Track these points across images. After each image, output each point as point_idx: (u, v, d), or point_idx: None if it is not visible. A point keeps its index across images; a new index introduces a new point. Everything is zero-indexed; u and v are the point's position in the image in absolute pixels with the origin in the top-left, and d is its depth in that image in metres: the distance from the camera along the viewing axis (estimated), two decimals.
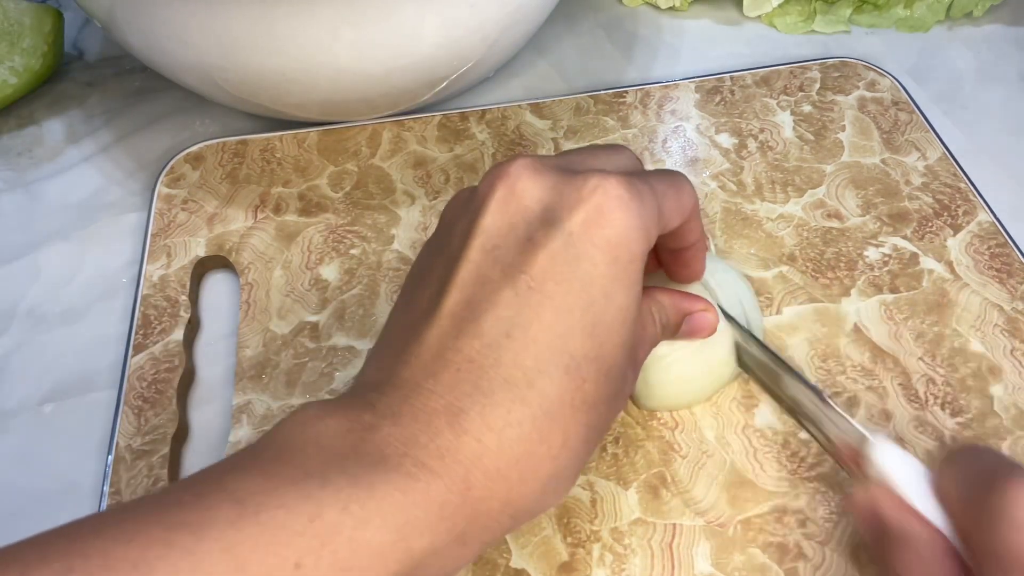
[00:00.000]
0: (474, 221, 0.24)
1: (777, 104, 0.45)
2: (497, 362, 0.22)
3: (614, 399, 0.24)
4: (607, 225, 0.23)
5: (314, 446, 0.21)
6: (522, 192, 0.23)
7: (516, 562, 0.30)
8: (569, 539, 0.30)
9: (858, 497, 0.25)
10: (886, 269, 0.37)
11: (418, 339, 0.22)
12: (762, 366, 0.31)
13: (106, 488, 0.32)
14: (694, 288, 0.32)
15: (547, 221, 0.23)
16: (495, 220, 0.23)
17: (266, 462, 0.20)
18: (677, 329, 0.30)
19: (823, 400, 0.28)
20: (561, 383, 0.22)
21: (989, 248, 0.38)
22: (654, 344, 0.29)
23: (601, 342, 0.23)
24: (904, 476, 0.25)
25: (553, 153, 0.43)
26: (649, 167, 0.42)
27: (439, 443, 0.21)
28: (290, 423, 0.22)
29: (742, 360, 0.32)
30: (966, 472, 0.24)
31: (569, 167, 0.25)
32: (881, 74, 0.46)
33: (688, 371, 0.32)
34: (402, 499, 0.20)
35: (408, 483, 0.20)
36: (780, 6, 0.51)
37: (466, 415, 0.21)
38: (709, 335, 0.31)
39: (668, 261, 0.30)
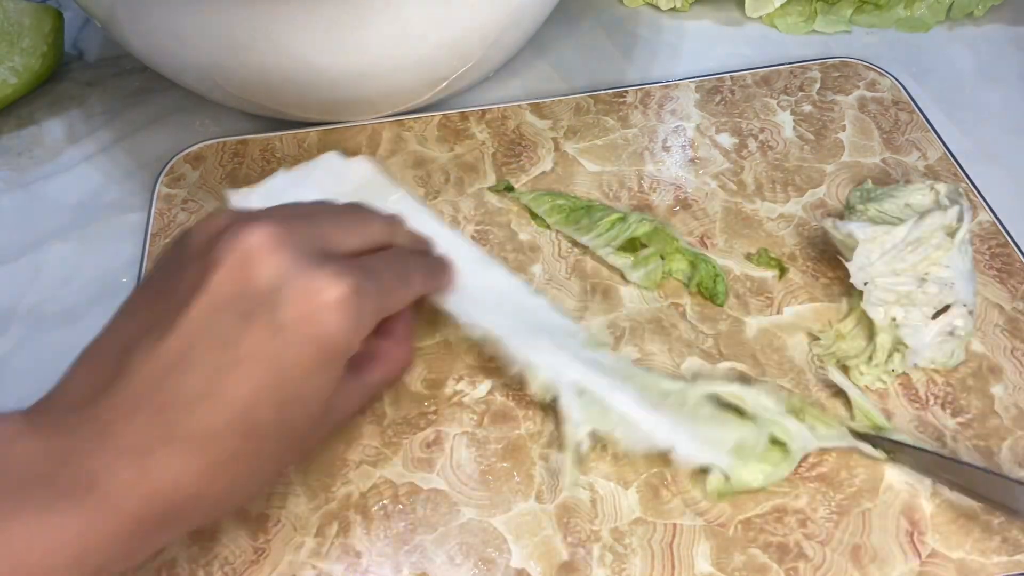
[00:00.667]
0: (205, 276, 0.25)
1: (777, 104, 0.45)
2: (189, 417, 0.24)
3: (294, 450, 0.28)
4: (320, 325, 0.25)
5: (14, 467, 0.23)
6: (257, 267, 0.25)
7: (516, 562, 0.30)
8: (569, 539, 0.30)
9: None
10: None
11: (127, 373, 0.24)
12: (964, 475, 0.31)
13: None
14: None
15: (269, 304, 0.25)
16: (224, 284, 0.25)
17: None
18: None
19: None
20: (239, 444, 0.25)
21: (989, 248, 0.38)
22: (366, 398, 0.31)
23: (287, 415, 0.26)
24: None
25: (553, 151, 0.43)
26: (649, 167, 0.42)
27: (123, 478, 0.23)
28: None
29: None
30: None
31: (316, 245, 0.26)
32: (881, 74, 0.46)
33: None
34: (84, 528, 0.22)
35: (90, 514, 0.23)
36: (781, 6, 0.51)
37: (151, 457, 0.24)
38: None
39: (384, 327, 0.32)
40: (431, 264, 0.34)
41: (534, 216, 0.40)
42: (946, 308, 0.33)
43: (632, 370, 0.33)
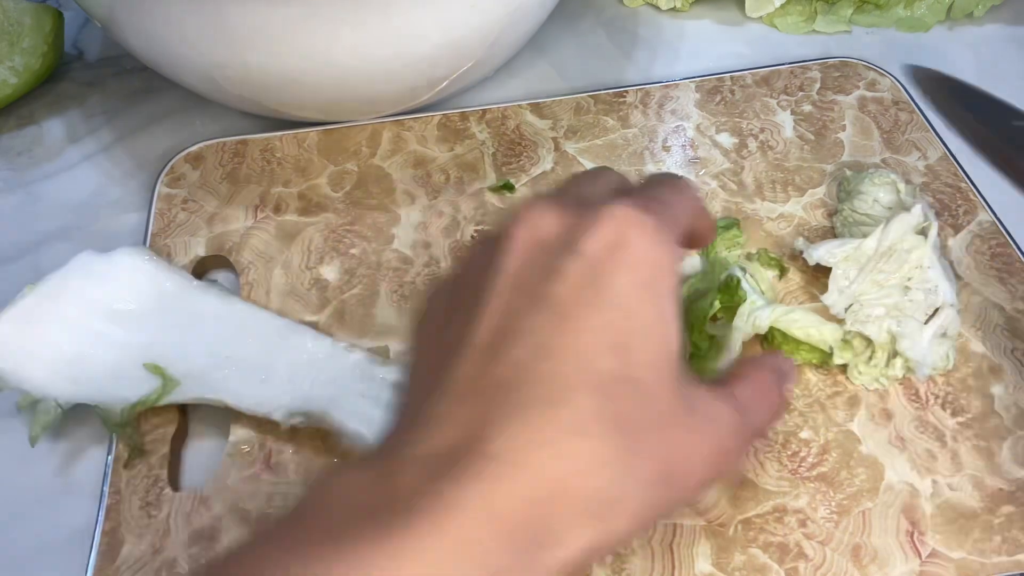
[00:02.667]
0: (496, 260, 0.24)
1: (777, 104, 0.45)
2: (530, 382, 0.21)
3: (652, 415, 0.23)
4: (626, 248, 0.23)
5: (345, 500, 0.20)
6: (539, 227, 0.24)
7: None
8: None
9: None
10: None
11: (449, 375, 0.22)
12: None
13: (106, 488, 0.32)
14: None
15: (571, 250, 0.23)
16: (517, 257, 0.24)
17: (304, 519, 0.20)
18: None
19: None
20: (589, 400, 0.21)
21: (990, 248, 0.38)
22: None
23: (628, 360, 0.22)
24: None
25: (553, 151, 0.43)
26: (649, 168, 0.42)
27: (469, 474, 0.20)
28: (322, 479, 0.21)
29: None
30: None
31: (578, 200, 0.25)
32: (881, 74, 0.46)
33: None
34: (435, 543, 0.19)
35: (438, 524, 0.19)
36: (781, 6, 0.51)
37: (494, 440, 0.20)
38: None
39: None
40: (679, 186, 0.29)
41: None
42: (935, 312, 0.33)
43: None
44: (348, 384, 0.33)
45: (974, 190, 0.40)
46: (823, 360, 0.34)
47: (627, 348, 0.22)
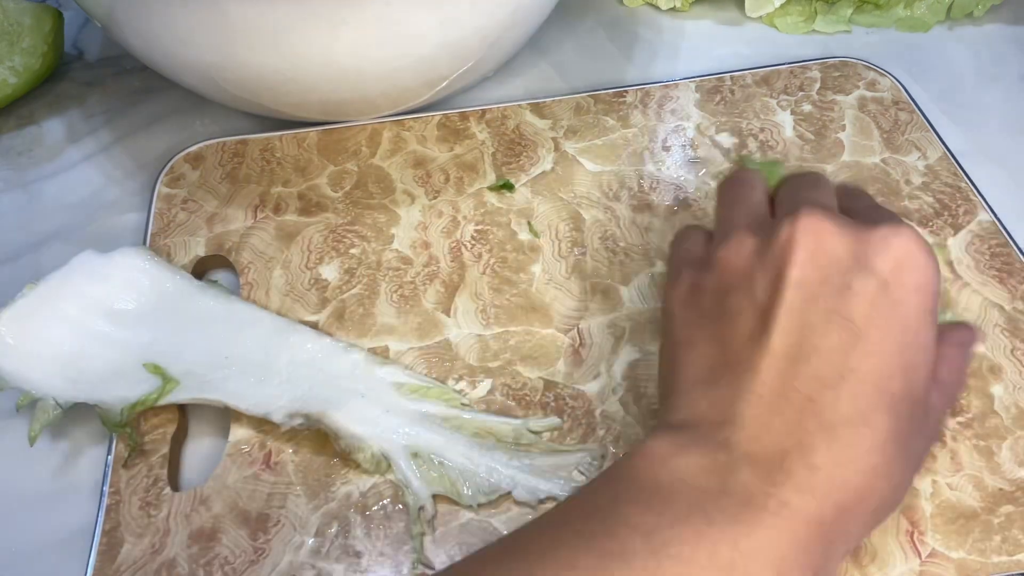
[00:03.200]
0: (784, 271, 0.25)
1: (777, 104, 0.45)
2: (835, 401, 0.23)
3: (920, 432, 0.25)
4: (916, 270, 0.25)
5: (682, 484, 0.23)
6: (830, 245, 0.25)
7: None
8: None
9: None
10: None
11: (754, 374, 0.24)
12: None
13: (106, 488, 0.32)
14: None
15: (861, 269, 0.24)
16: (808, 272, 0.25)
17: (649, 497, 0.23)
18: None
19: None
20: (887, 421, 0.23)
21: (990, 248, 0.38)
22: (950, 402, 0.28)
23: (912, 381, 0.24)
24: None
25: (553, 151, 0.43)
26: (649, 167, 0.42)
27: (795, 481, 0.22)
28: (648, 458, 0.24)
29: None
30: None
31: (842, 212, 0.27)
32: (881, 74, 0.46)
33: None
34: (776, 536, 0.22)
35: (776, 521, 0.22)
36: (781, 6, 0.51)
37: (815, 452, 0.23)
38: None
39: None
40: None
41: (530, 225, 0.40)
42: None
43: (462, 415, 0.33)
44: (348, 384, 0.33)
45: (974, 190, 0.40)
46: None
47: (913, 369, 0.24)
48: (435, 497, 0.31)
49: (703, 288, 0.27)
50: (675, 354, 0.27)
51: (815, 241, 0.25)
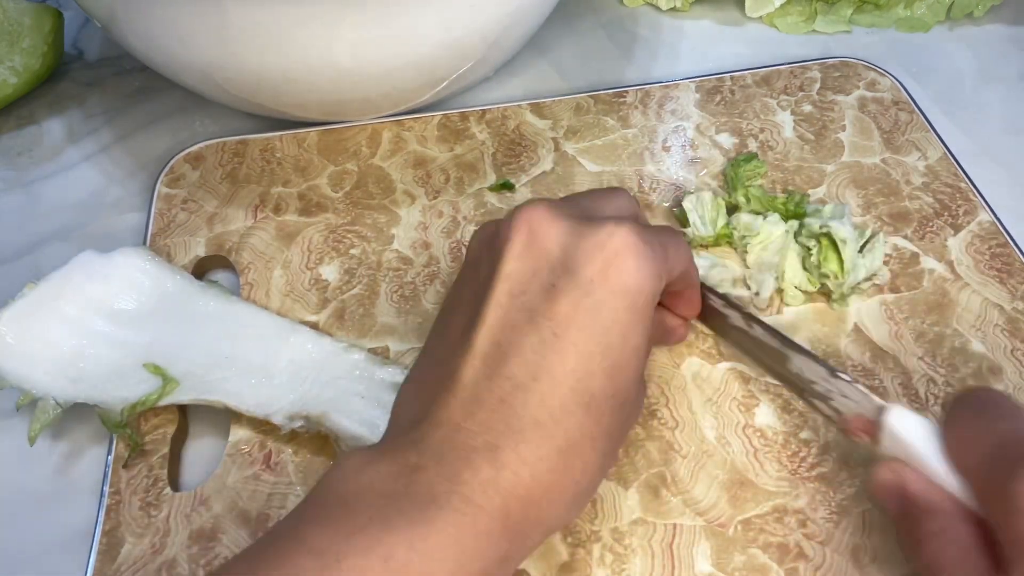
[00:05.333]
0: (498, 264, 0.25)
1: (777, 104, 0.45)
2: (525, 403, 0.24)
3: (626, 423, 0.26)
4: (624, 272, 0.25)
5: (370, 492, 0.23)
6: (543, 238, 0.25)
7: None
8: (569, 539, 0.30)
9: (881, 475, 0.26)
10: (887, 268, 0.37)
11: (453, 378, 0.24)
12: (766, 348, 0.31)
13: (106, 488, 0.32)
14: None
15: (568, 268, 0.25)
16: (518, 265, 0.25)
17: (331, 512, 0.22)
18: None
19: (833, 374, 0.28)
20: (582, 420, 0.24)
21: (990, 248, 0.38)
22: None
23: (617, 381, 0.25)
24: (921, 442, 0.25)
25: (553, 151, 0.43)
26: (649, 167, 0.42)
27: (480, 478, 0.23)
28: (342, 471, 0.23)
29: (743, 344, 0.32)
30: (983, 442, 0.24)
31: (583, 214, 0.26)
32: (881, 74, 0.46)
33: None
34: (455, 532, 0.22)
35: (458, 518, 0.22)
36: (781, 6, 0.51)
37: (502, 451, 0.23)
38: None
39: (670, 301, 0.32)
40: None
41: None
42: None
43: None
44: (348, 385, 0.33)
45: (974, 190, 0.40)
46: None
47: (618, 369, 0.25)
48: None
49: (460, 276, 0.29)
50: (424, 348, 0.28)
51: (530, 234, 0.25)
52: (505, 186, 0.42)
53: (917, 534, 0.24)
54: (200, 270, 0.39)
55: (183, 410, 0.35)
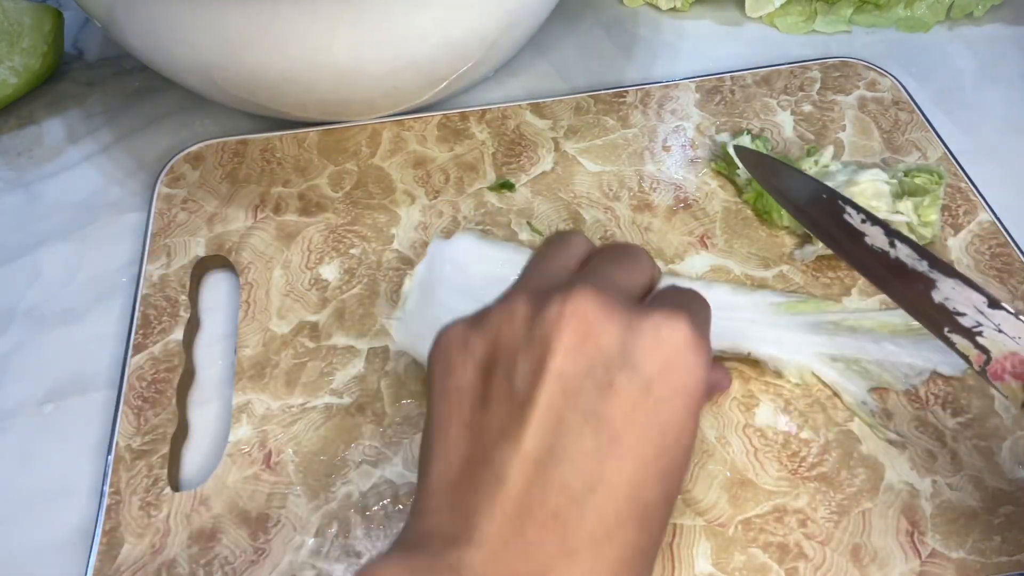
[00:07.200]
0: (546, 359, 0.22)
1: (777, 104, 0.45)
2: (581, 518, 0.21)
3: (667, 520, 0.24)
4: (684, 371, 0.23)
5: None
6: (598, 333, 0.23)
7: None
8: None
9: None
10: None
11: (500, 482, 0.22)
12: (907, 273, 0.28)
13: (106, 488, 0.32)
14: None
15: (626, 365, 0.22)
16: (571, 363, 0.22)
17: None
18: None
19: (996, 305, 0.26)
20: (636, 535, 0.22)
21: (990, 248, 0.38)
22: None
23: (668, 484, 0.23)
24: None
25: (553, 151, 0.43)
26: (649, 167, 0.42)
27: None
28: None
29: (874, 271, 0.29)
30: None
31: (626, 293, 0.24)
32: (881, 74, 0.46)
33: None
34: None
35: None
36: (781, 6, 0.51)
37: (553, 573, 0.21)
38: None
39: None
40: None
41: (531, 225, 0.40)
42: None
43: (849, 318, 0.35)
44: (737, 315, 0.35)
45: (974, 190, 0.40)
46: None
47: (669, 473, 0.23)
48: None
49: (471, 350, 0.24)
50: (429, 441, 0.24)
51: (583, 326, 0.22)
52: (505, 186, 0.42)
53: None
54: (200, 270, 0.39)
55: (183, 410, 0.35)
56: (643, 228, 0.40)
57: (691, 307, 0.25)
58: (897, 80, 0.46)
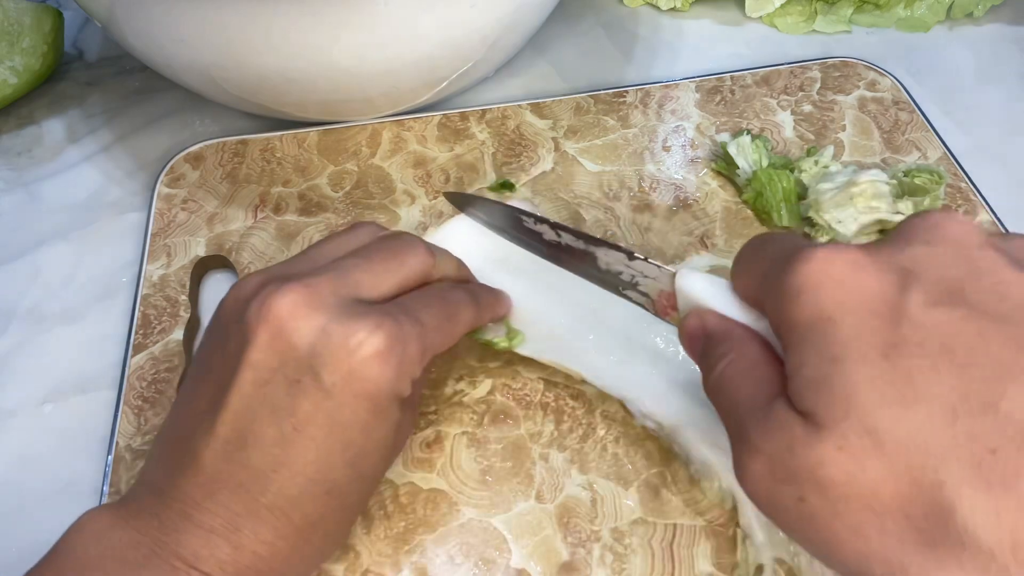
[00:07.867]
0: (243, 349, 0.25)
1: (778, 104, 0.45)
2: (264, 490, 0.24)
3: (369, 493, 0.28)
4: (366, 380, 0.25)
5: (110, 559, 0.24)
6: (292, 331, 0.25)
7: (516, 562, 0.30)
8: (569, 539, 0.30)
9: (687, 323, 0.25)
10: None
11: (194, 456, 0.25)
12: (576, 253, 0.31)
13: (106, 488, 0.32)
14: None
15: (312, 369, 0.25)
16: (264, 356, 0.25)
17: None
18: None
19: (631, 257, 0.29)
20: (323, 502, 0.25)
21: None
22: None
23: (362, 468, 0.26)
24: (711, 294, 0.25)
25: (553, 151, 0.43)
26: (649, 167, 0.42)
27: (219, 556, 0.24)
28: (84, 534, 0.24)
29: (567, 261, 0.32)
30: (758, 263, 0.23)
31: (341, 298, 0.26)
32: (881, 74, 0.46)
33: None
34: None
35: None
36: (781, 6, 0.51)
37: (241, 533, 0.24)
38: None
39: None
40: (478, 294, 0.31)
41: None
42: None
43: None
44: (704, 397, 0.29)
45: (974, 190, 0.40)
46: None
47: (361, 457, 0.26)
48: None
49: (217, 311, 0.27)
50: (175, 401, 0.28)
51: (278, 323, 0.25)
52: (505, 186, 0.42)
53: (711, 362, 0.24)
54: (200, 270, 0.39)
55: None
56: (643, 228, 0.40)
57: (418, 313, 0.27)
58: (897, 80, 0.46)
